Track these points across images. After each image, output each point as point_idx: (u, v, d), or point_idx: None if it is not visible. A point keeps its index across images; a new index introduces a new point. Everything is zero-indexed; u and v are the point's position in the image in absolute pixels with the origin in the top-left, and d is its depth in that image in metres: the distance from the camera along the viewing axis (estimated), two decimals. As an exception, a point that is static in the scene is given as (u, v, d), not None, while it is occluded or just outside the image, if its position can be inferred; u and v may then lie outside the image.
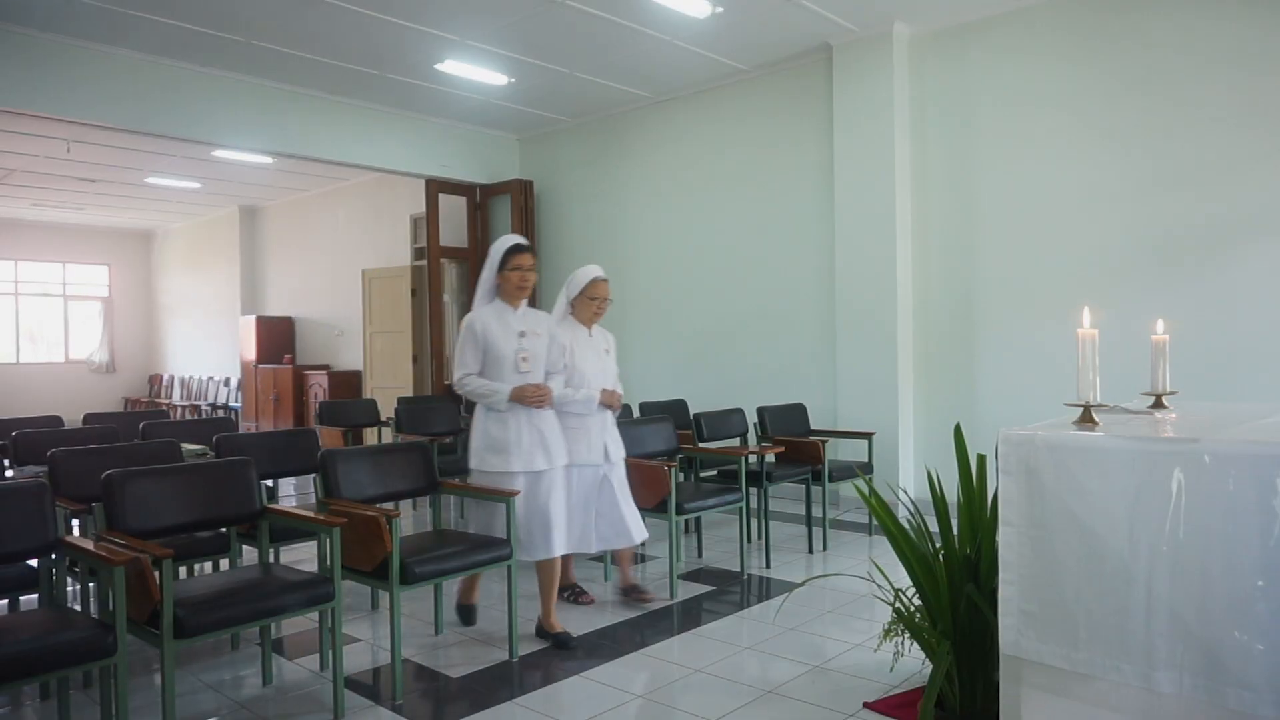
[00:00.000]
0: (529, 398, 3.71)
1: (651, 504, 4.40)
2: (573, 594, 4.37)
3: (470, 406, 7.52)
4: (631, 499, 4.26)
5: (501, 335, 3.77)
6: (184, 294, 15.00)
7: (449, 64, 6.99)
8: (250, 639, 3.83)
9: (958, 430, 2.94)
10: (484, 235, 9.35)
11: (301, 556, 5.12)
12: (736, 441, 5.75)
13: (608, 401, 4.19)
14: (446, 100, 7.97)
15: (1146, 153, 5.46)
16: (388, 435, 7.25)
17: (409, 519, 6.37)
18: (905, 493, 3.71)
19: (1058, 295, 5.77)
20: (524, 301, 3.89)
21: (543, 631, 3.83)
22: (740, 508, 4.88)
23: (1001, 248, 6.08)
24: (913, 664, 3.27)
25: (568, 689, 3.32)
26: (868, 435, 5.95)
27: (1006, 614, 2.29)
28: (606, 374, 4.27)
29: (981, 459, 2.84)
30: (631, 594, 4.36)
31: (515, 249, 3.82)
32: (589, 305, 4.25)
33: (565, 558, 4.32)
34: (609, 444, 4.22)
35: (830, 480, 5.45)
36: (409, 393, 9.78)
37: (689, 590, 4.53)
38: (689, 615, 4.21)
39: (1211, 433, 2.14)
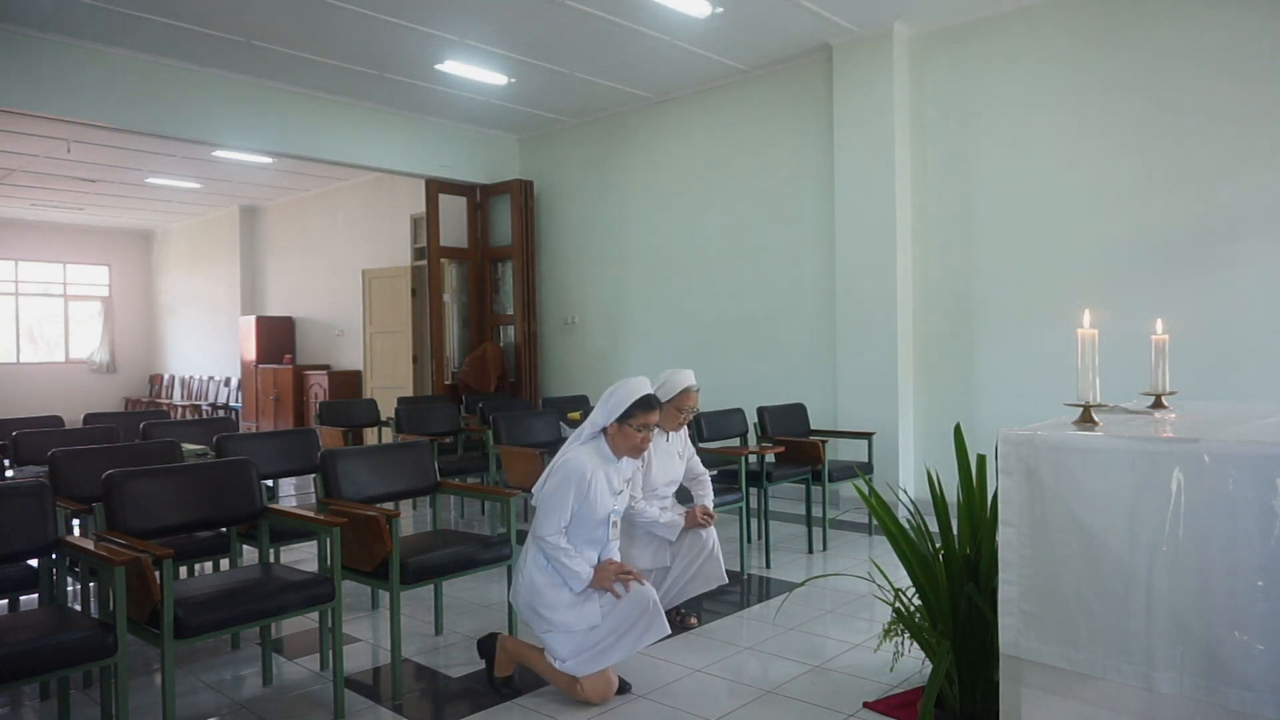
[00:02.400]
0: (611, 583, 3.18)
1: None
2: None
3: (471, 405, 7.55)
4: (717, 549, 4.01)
5: (602, 494, 3.20)
6: (184, 294, 15.00)
7: (449, 64, 6.99)
8: (250, 639, 3.83)
9: (958, 430, 2.94)
10: (484, 235, 9.36)
11: (301, 556, 5.12)
12: (736, 441, 5.75)
13: (693, 523, 3.93)
14: (446, 100, 7.97)
15: (1146, 152, 5.46)
16: (388, 435, 7.25)
17: (409, 519, 6.37)
18: (905, 493, 3.71)
19: (1057, 295, 5.77)
20: None
21: None
22: (740, 508, 4.88)
23: (1001, 248, 6.08)
24: (913, 664, 3.27)
25: (568, 689, 3.32)
26: (868, 435, 5.95)
27: (1006, 614, 2.29)
28: (673, 481, 4.05)
29: (981, 459, 2.84)
30: (674, 613, 4.05)
31: (646, 403, 3.22)
32: (675, 416, 3.98)
33: None
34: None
35: (830, 480, 5.44)
36: (409, 393, 9.78)
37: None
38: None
39: (1211, 433, 2.14)
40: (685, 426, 4.15)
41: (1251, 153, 5.11)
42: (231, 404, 13.23)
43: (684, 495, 4.19)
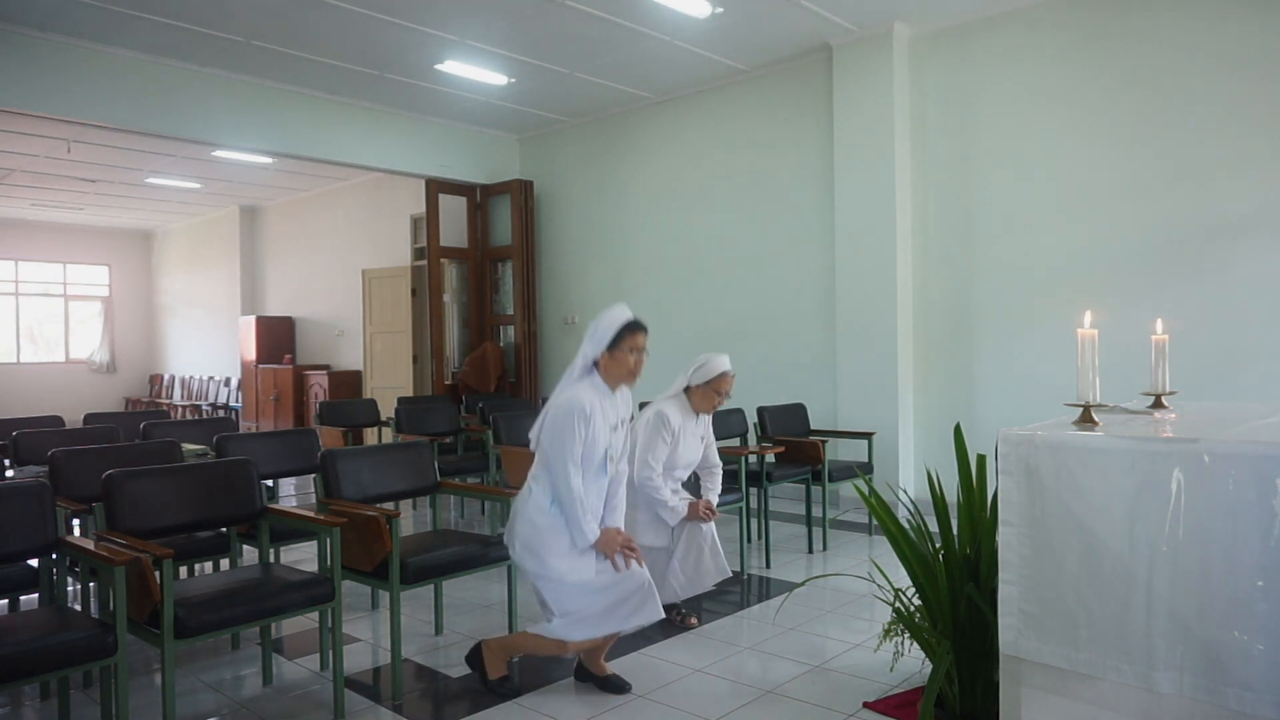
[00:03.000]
0: (614, 552, 3.16)
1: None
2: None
3: (471, 405, 7.55)
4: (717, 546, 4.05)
5: (601, 428, 3.15)
6: (184, 294, 15.00)
7: (449, 64, 6.99)
8: (250, 639, 3.83)
9: (958, 430, 2.94)
10: (484, 235, 9.35)
11: (301, 556, 5.12)
12: (736, 441, 5.74)
13: (694, 516, 3.95)
14: (446, 100, 7.97)
15: (1146, 152, 5.46)
16: (388, 435, 7.25)
17: (409, 519, 6.37)
18: (905, 493, 3.71)
19: (1057, 295, 5.77)
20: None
21: (585, 673, 3.35)
22: (740, 508, 4.88)
23: (1001, 247, 6.08)
24: (913, 664, 3.27)
25: (567, 689, 3.31)
26: (868, 435, 5.95)
27: (1006, 614, 2.29)
28: (691, 464, 4.11)
29: (981, 459, 2.84)
30: (673, 613, 4.02)
31: (634, 326, 3.20)
32: (711, 398, 4.08)
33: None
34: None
35: (830, 480, 5.44)
36: (409, 393, 9.78)
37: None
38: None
39: (1211, 433, 2.14)
40: (709, 416, 4.21)
41: (1251, 153, 5.11)
42: (231, 404, 13.23)
43: (692, 486, 4.20)
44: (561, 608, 3.14)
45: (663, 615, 3.24)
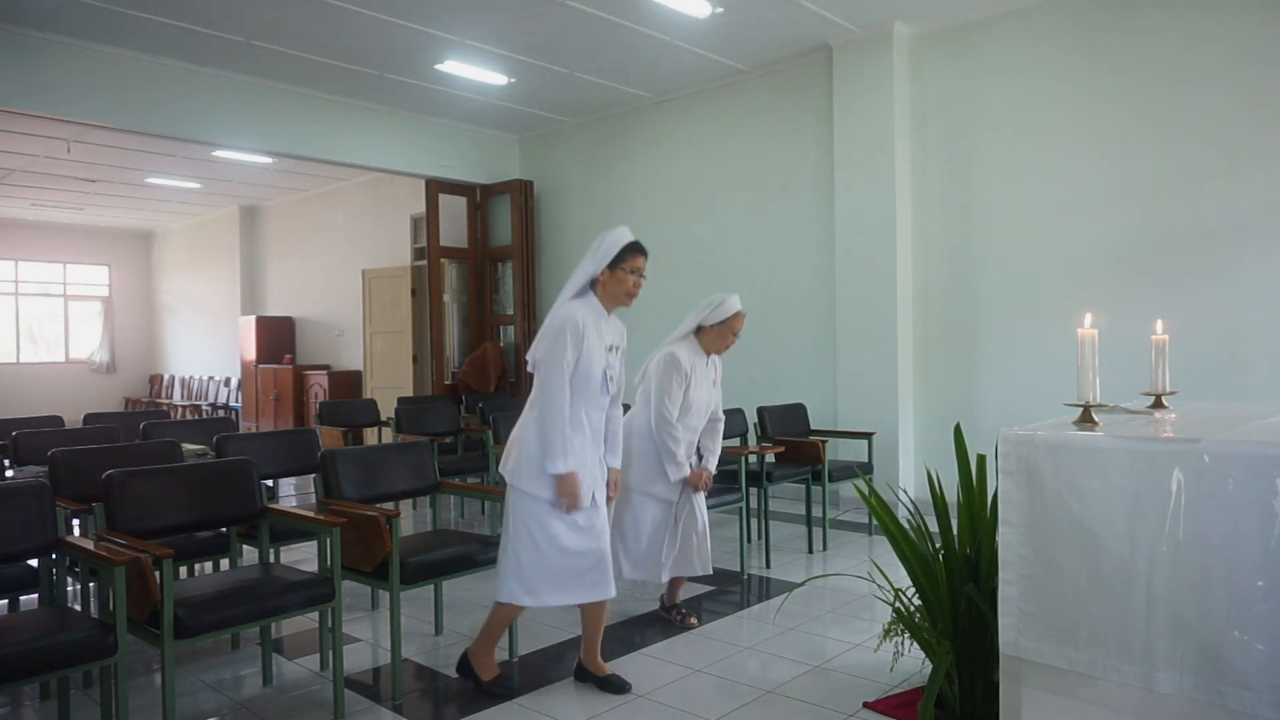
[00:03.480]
0: (568, 501, 3.09)
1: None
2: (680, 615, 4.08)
3: (471, 405, 7.55)
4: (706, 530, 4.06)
5: (596, 347, 3.14)
6: (184, 294, 15.00)
7: (449, 64, 6.99)
8: (250, 639, 3.83)
9: (958, 430, 2.94)
10: (484, 235, 9.35)
11: (301, 556, 5.12)
12: (736, 441, 5.74)
13: (695, 483, 3.95)
14: (446, 100, 7.97)
15: (1147, 152, 5.46)
16: (388, 435, 7.25)
17: (409, 519, 6.37)
18: (905, 493, 3.71)
19: (1058, 295, 5.78)
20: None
21: (585, 673, 3.36)
22: (740, 508, 4.88)
23: (1001, 247, 6.08)
24: (913, 664, 3.27)
25: (567, 689, 3.31)
26: (868, 435, 5.95)
27: (1006, 614, 2.29)
28: (709, 406, 4.07)
29: (981, 459, 2.84)
30: (673, 613, 4.09)
31: (636, 247, 3.25)
32: (724, 338, 4.03)
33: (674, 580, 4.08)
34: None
35: (830, 480, 5.45)
36: (409, 393, 9.78)
37: (689, 590, 4.52)
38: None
39: (1211, 433, 2.14)
40: (719, 360, 4.21)
41: (1252, 152, 5.10)
42: (231, 404, 13.23)
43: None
44: (518, 553, 3.11)
45: (614, 594, 3.23)
